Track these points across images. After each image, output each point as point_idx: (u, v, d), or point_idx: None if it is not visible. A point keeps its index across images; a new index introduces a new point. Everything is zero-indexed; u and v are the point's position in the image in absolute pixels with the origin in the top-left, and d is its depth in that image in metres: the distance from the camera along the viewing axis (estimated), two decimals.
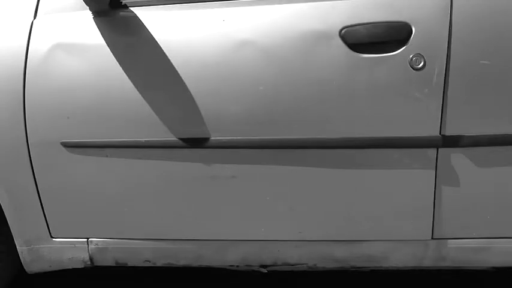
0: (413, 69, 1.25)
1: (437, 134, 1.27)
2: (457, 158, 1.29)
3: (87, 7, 1.32)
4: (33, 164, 1.36)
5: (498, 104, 1.26)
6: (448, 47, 1.24)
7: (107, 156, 1.35)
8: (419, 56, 1.24)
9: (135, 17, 1.33)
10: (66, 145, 1.34)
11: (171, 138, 1.32)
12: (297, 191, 1.35)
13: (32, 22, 1.35)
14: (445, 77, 1.25)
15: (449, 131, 1.27)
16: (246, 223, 1.39)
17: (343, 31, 1.26)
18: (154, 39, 1.31)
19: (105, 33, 1.32)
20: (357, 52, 1.26)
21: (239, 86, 1.29)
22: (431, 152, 1.29)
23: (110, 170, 1.36)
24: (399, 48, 1.25)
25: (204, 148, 1.32)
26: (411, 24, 1.25)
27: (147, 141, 1.32)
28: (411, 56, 1.24)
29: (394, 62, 1.25)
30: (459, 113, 1.26)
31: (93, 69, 1.32)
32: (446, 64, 1.24)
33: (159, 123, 1.31)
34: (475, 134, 1.27)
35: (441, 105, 1.26)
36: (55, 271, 1.53)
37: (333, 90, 1.27)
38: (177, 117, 1.32)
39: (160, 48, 1.30)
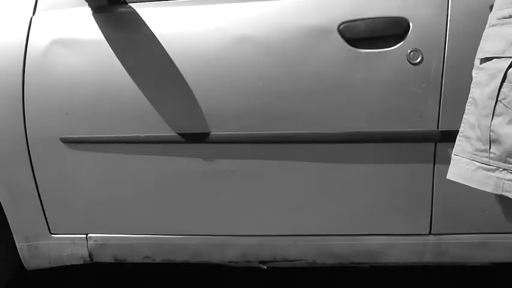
0: (411, 64, 1.26)
1: (435, 128, 1.28)
2: None
3: (86, 3, 1.33)
4: (32, 160, 1.37)
5: None
6: (445, 42, 1.25)
7: (106, 152, 1.35)
8: (416, 51, 1.25)
9: (134, 13, 1.33)
10: (65, 141, 1.35)
11: (171, 133, 1.32)
12: (296, 185, 1.36)
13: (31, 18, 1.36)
14: (442, 72, 1.26)
15: (447, 126, 1.27)
16: (245, 218, 1.40)
17: (341, 26, 1.27)
18: (154, 35, 1.31)
19: (104, 30, 1.33)
20: (355, 47, 1.27)
21: (239, 81, 1.29)
22: (430, 146, 1.30)
23: (109, 165, 1.37)
24: (397, 43, 1.26)
25: (204, 143, 1.33)
26: (409, 20, 1.26)
27: (147, 136, 1.33)
28: (409, 51, 1.26)
29: (392, 56, 1.26)
30: (457, 107, 1.26)
31: (92, 65, 1.32)
32: (443, 59, 1.25)
33: (158, 118, 1.32)
34: None
35: (439, 100, 1.27)
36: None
37: (331, 85, 1.28)
38: (177, 112, 1.32)
39: (160, 44, 1.31)
